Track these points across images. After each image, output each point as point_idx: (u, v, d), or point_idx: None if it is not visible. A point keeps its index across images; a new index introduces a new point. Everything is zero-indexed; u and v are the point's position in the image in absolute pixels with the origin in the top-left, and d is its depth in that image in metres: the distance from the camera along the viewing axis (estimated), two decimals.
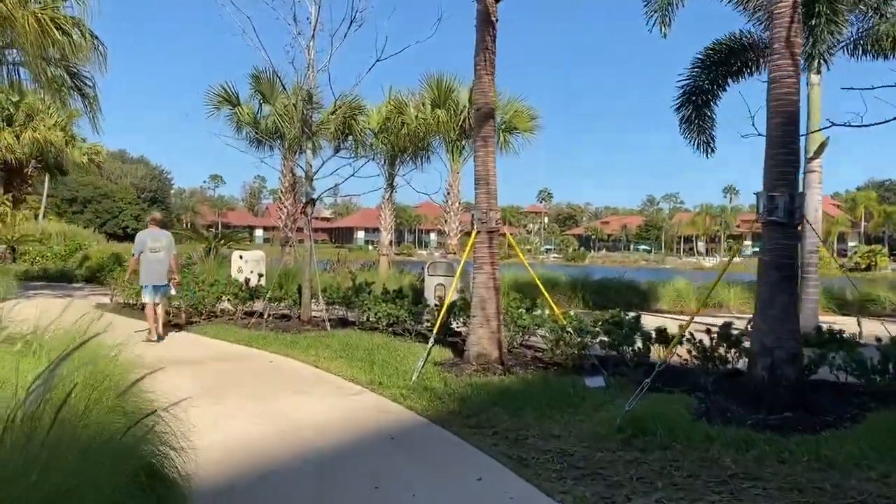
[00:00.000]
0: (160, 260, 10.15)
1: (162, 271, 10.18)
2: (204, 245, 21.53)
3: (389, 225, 21.37)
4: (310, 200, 11.11)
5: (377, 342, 9.57)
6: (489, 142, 8.04)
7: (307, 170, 11.14)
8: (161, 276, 10.16)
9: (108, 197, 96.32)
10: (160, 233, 10.51)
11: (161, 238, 10.33)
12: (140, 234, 10.52)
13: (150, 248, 10.14)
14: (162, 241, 10.26)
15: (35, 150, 28.26)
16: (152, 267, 10.11)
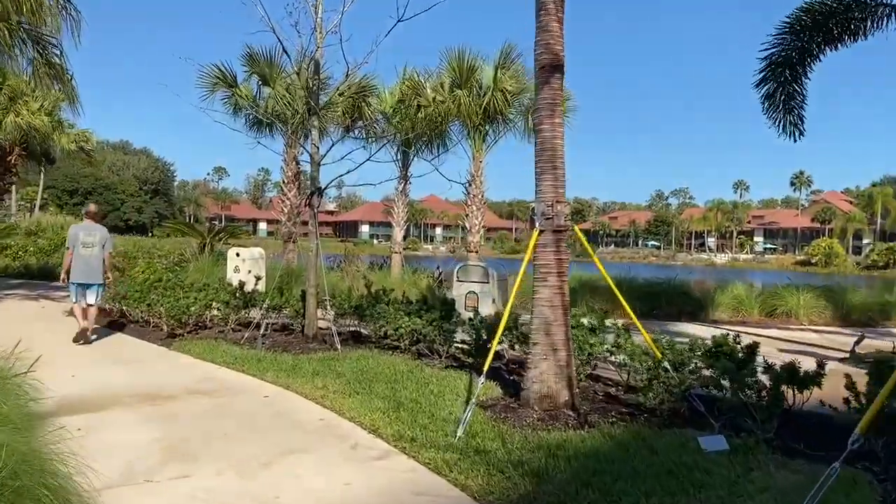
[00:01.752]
0: (94, 256, 9.44)
1: (93, 268, 9.46)
2: (198, 241, 19.59)
3: (402, 220, 19.36)
4: (316, 190, 9.13)
5: (400, 368, 7.59)
6: (556, 110, 6.04)
7: (313, 153, 9.15)
8: (93, 274, 9.45)
9: (110, 189, 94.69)
10: (94, 227, 9.69)
11: (95, 232, 9.55)
12: (73, 228, 9.79)
13: (83, 242, 9.39)
14: (96, 236, 9.51)
15: (19, 137, 26.32)
16: (84, 263, 9.36)
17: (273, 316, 10.24)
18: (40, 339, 9.77)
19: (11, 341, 9.76)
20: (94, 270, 9.46)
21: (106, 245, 9.64)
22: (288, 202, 18.98)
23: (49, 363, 8.23)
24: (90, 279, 9.43)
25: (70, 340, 9.52)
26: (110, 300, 11.54)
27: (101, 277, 9.58)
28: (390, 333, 8.70)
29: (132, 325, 10.83)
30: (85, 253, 9.42)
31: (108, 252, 9.74)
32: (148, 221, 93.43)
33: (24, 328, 10.63)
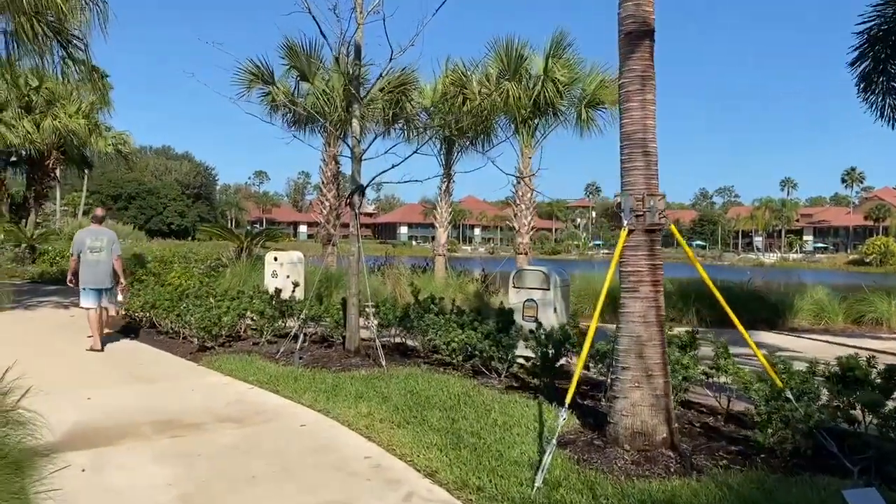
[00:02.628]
0: (101, 261, 9.24)
1: (102, 273, 9.26)
2: (236, 244, 18.90)
3: (445, 220, 18.38)
4: (357, 188, 8.21)
5: (455, 390, 6.61)
6: (648, 84, 4.97)
7: (354, 147, 8.23)
8: (103, 279, 9.25)
9: (153, 193, 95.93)
10: (101, 231, 9.51)
11: (102, 237, 9.36)
12: (79, 233, 9.64)
13: (90, 247, 9.20)
14: (103, 241, 9.31)
15: (57, 140, 26.06)
16: (92, 268, 9.18)
17: (311, 325, 9.38)
18: (63, 352, 9.09)
19: (34, 355, 9.08)
20: (104, 275, 9.29)
21: (114, 248, 9.40)
22: (327, 203, 18.17)
23: (67, 381, 7.50)
24: (101, 283, 9.25)
25: (94, 356, 8.82)
26: (139, 308, 10.84)
27: (112, 281, 9.41)
28: (441, 347, 7.73)
29: (162, 337, 10.08)
30: (93, 258, 9.22)
31: (118, 255, 9.50)
32: (190, 225, 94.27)
33: (50, 340, 9.98)
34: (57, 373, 7.76)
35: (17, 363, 8.56)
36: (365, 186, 8.25)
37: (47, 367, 8.10)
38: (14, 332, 10.61)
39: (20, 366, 8.42)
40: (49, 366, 8.16)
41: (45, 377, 7.52)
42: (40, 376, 7.59)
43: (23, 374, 7.85)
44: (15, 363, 8.16)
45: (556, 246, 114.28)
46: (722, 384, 5.80)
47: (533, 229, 16.30)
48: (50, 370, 7.91)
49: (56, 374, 7.71)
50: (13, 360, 8.76)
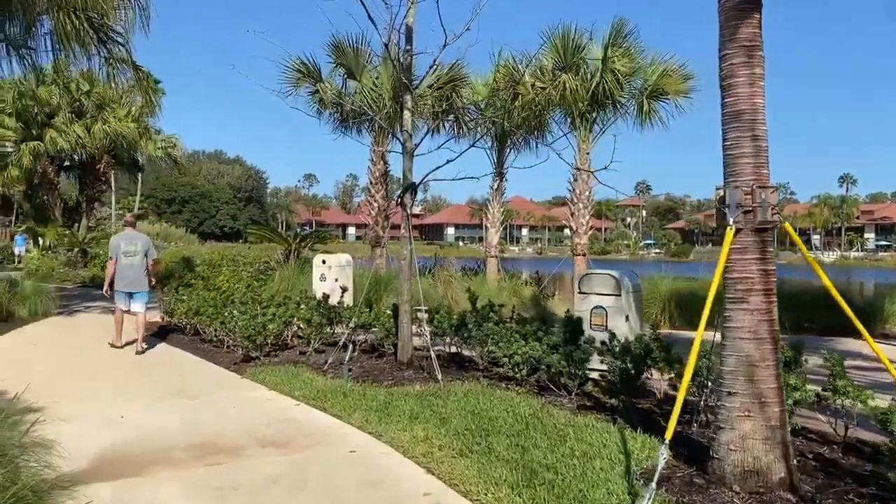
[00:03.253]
0: (135, 265, 9.35)
1: (136, 277, 9.39)
2: (284, 247, 18.53)
3: (497, 220, 17.64)
4: (409, 186, 7.57)
5: (521, 410, 5.89)
6: (756, 55, 4.18)
7: (405, 141, 7.59)
8: (136, 282, 9.39)
9: (206, 197, 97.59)
10: (136, 236, 9.65)
11: (136, 241, 9.48)
12: (114, 238, 9.94)
13: (125, 251, 9.32)
14: (137, 245, 9.42)
15: (107, 144, 26.23)
16: (126, 272, 9.30)
17: (361, 333, 8.78)
18: (103, 361, 8.70)
19: (72, 365, 8.72)
20: (138, 279, 9.39)
21: (148, 253, 9.51)
22: (375, 204, 17.64)
23: (103, 395, 7.05)
24: (134, 287, 9.35)
25: (134, 368, 8.39)
26: (183, 315, 10.43)
27: (146, 286, 9.50)
28: (502, 360, 7.03)
29: (206, 345, 9.63)
30: (127, 262, 9.33)
31: (152, 260, 9.63)
32: (242, 228, 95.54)
33: (91, 348, 9.62)
34: (94, 385, 7.34)
35: (55, 375, 8.21)
36: (417, 184, 7.61)
37: (85, 378, 7.71)
38: (56, 341, 10.32)
39: (58, 378, 8.08)
40: (87, 377, 7.76)
41: (81, 390, 7.11)
42: (77, 389, 7.19)
43: (58, 388, 7.48)
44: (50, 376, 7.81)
45: (605, 246, 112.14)
46: (836, 407, 4.96)
47: (591, 229, 15.45)
48: (88, 382, 7.50)
49: (93, 386, 7.29)
50: (52, 371, 8.42)
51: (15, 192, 29.16)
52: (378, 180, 17.53)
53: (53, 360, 8.73)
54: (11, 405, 6.44)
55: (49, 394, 6.85)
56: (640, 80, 14.85)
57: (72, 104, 25.65)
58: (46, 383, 7.36)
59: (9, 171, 25.33)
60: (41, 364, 8.45)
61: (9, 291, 12.07)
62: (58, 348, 9.62)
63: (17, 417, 5.92)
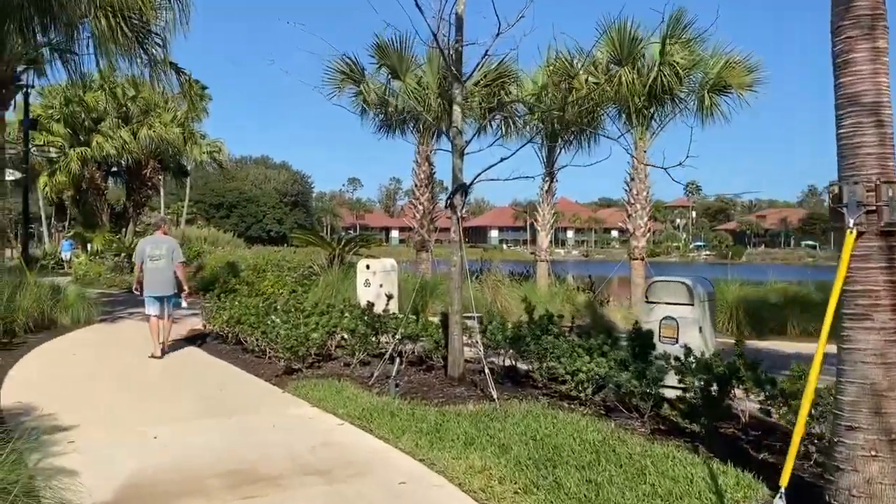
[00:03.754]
0: (161, 268, 9.34)
1: (164, 280, 9.37)
2: (327, 252, 18.19)
3: (548, 223, 16.95)
4: (460, 187, 7.02)
5: (589, 436, 5.27)
6: (878, 26, 3.51)
7: (454, 137, 7.04)
8: (164, 286, 9.36)
9: (252, 201, 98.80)
10: (161, 239, 9.59)
11: (161, 245, 9.44)
12: (140, 242, 9.99)
13: (150, 255, 9.32)
14: (162, 249, 9.38)
15: (153, 149, 26.42)
16: (153, 276, 9.32)
17: (408, 343, 8.26)
18: (140, 374, 8.35)
19: (108, 378, 8.40)
20: (165, 282, 9.37)
21: (175, 256, 9.46)
22: (420, 207, 17.14)
23: (137, 412, 6.65)
24: (161, 291, 9.33)
25: (172, 380, 8.04)
26: (224, 323, 10.07)
27: (173, 289, 9.46)
28: (563, 377, 6.41)
29: (247, 356, 9.23)
30: (153, 266, 9.32)
31: (180, 263, 9.57)
32: (288, 232, 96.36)
33: (129, 359, 9.31)
34: (129, 399, 6.97)
35: (90, 387, 7.89)
36: (469, 185, 7.05)
37: (121, 391, 7.36)
38: (95, 350, 10.07)
39: (92, 391, 7.76)
40: (123, 389, 7.41)
41: (115, 405, 6.75)
42: (111, 403, 6.83)
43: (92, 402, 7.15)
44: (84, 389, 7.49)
45: (654, 248, 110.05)
46: None
47: (649, 231, 14.67)
48: (123, 395, 7.15)
49: (128, 400, 6.93)
50: (87, 383, 8.12)
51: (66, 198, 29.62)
52: (423, 183, 17.04)
53: (89, 372, 8.44)
54: (42, 422, 6.11)
55: (81, 409, 6.51)
56: (701, 73, 14.03)
57: (118, 109, 25.92)
58: (80, 397, 7.05)
59: (57, 177, 25.72)
60: (77, 376, 8.17)
61: (51, 299, 11.91)
62: (96, 358, 9.35)
63: (45, 437, 5.57)
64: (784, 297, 11.83)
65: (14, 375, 8.02)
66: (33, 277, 12.10)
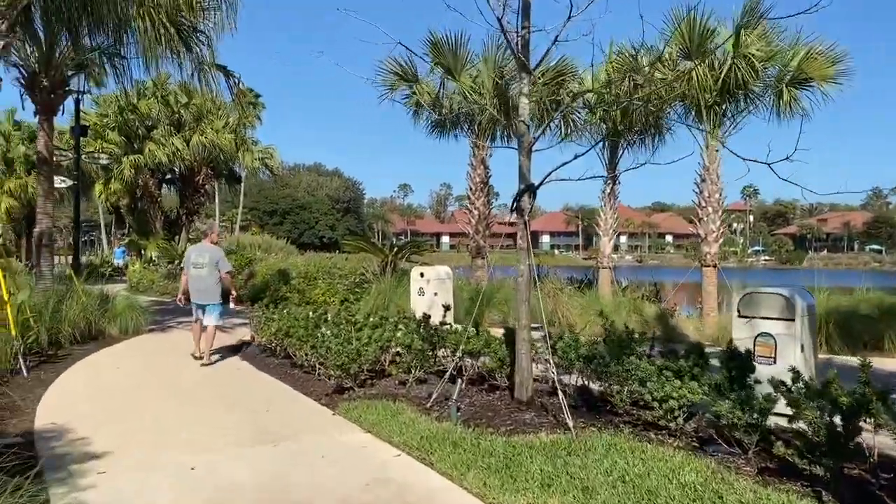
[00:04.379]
0: (202, 277, 9.40)
1: (205, 288, 9.41)
2: (379, 258, 17.66)
3: (610, 228, 16.05)
4: (526, 189, 6.30)
5: (688, 478, 4.48)
6: None
7: (521, 133, 6.32)
8: (205, 294, 9.41)
9: (305, 208, 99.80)
10: (206, 248, 9.67)
11: (205, 254, 9.50)
12: (187, 250, 10.27)
13: (193, 263, 9.45)
14: (205, 257, 9.43)
15: (206, 157, 26.41)
16: (194, 284, 9.44)
17: (467, 359, 7.57)
18: (183, 391, 7.85)
19: (149, 396, 7.91)
20: (207, 291, 9.39)
21: (220, 265, 9.44)
22: (476, 212, 16.45)
23: (176, 436, 6.12)
24: (203, 299, 9.38)
25: (217, 397, 7.51)
26: (273, 336, 9.56)
27: (216, 298, 9.44)
28: (650, 403, 5.62)
29: (296, 371, 8.68)
30: (195, 273, 9.40)
31: (225, 272, 9.53)
32: (340, 238, 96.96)
33: (173, 373, 8.86)
34: (169, 420, 6.45)
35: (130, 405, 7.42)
36: (537, 186, 6.32)
37: (162, 410, 6.85)
38: (140, 363, 9.66)
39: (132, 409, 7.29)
40: (164, 408, 6.91)
41: (154, 427, 6.23)
42: (149, 425, 6.31)
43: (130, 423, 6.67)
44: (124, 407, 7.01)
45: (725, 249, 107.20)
46: None
47: (722, 235, 13.65)
48: (163, 415, 6.64)
49: (168, 421, 6.41)
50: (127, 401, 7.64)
51: (122, 206, 29.94)
52: (478, 187, 16.35)
53: (131, 387, 8.00)
54: (74, 447, 5.63)
55: (117, 432, 6.02)
56: (778, 67, 12.97)
57: (170, 117, 26.02)
58: (118, 417, 6.58)
59: (111, 184, 25.93)
60: (117, 392, 7.73)
61: (99, 308, 11.63)
62: (139, 372, 8.93)
63: (75, 466, 5.07)
64: (878, 308, 10.71)
65: (53, 392, 7.63)
66: (81, 286, 11.85)
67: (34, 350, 9.40)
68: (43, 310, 10.18)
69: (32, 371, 8.65)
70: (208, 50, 12.31)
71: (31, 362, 9.11)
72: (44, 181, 11.99)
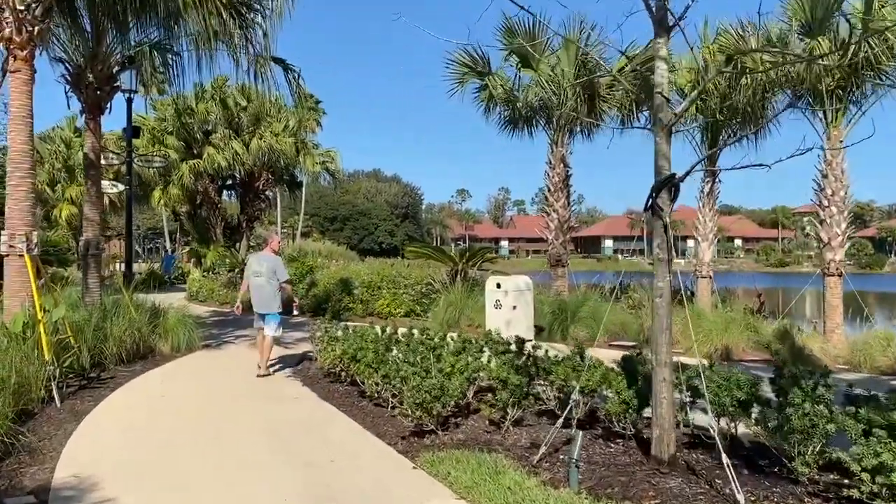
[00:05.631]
0: (261, 285, 9.20)
1: (264, 297, 9.19)
2: (448, 266, 16.34)
3: (710, 231, 14.29)
4: (667, 181, 4.81)
5: None
6: None
7: (657, 110, 4.86)
8: (264, 303, 9.19)
9: (364, 214, 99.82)
10: (265, 257, 9.48)
11: (264, 262, 9.31)
12: (249, 258, 10.15)
13: (254, 272, 9.28)
14: (264, 266, 9.24)
15: (265, 161, 25.59)
16: (253, 293, 9.28)
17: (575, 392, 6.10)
18: (232, 425, 6.62)
19: (191, 431, 6.68)
20: (265, 300, 9.17)
21: (278, 274, 9.23)
22: (555, 215, 14.92)
23: (213, 488, 4.93)
24: (262, 308, 9.17)
25: (269, 435, 6.23)
26: (337, 359, 8.29)
27: (274, 307, 9.16)
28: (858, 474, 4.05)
29: (365, 402, 7.38)
30: (255, 282, 9.23)
31: (283, 281, 9.31)
32: (399, 244, 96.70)
33: (222, 402, 7.63)
34: (209, 473, 5.18)
35: (169, 444, 6.25)
36: (682, 178, 4.82)
37: (203, 458, 5.59)
38: (188, 388, 8.51)
39: (170, 449, 6.10)
40: (206, 456, 5.65)
41: (190, 486, 4.96)
42: (185, 483, 5.04)
43: (165, 467, 5.48)
44: (162, 447, 5.85)
45: (782, 258, 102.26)
46: None
47: (849, 239, 11.78)
48: (203, 466, 5.37)
49: (207, 476, 5.13)
50: (167, 438, 6.47)
51: (182, 213, 29.50)
52: (557, 187, 14.83)
53: (173, 423, 6.81)
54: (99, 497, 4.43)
55: (148, 488, 4.80)
56: None
57: (229, 120, 25.33)
58: (152, 466, 5.35)
59: (170, 190, 25.36)
60: (156, 429, 6.55)
61: (150, 323, 10.60)
62: (185, 402, 7.75)
63: None
64: None
65: (84, 430, 6.50)
66: (131, 298, 10.86)
67: (72, 374, 8.35)
68: (85, 326, 9.17)
69: (68, 399, 7.60)
70: (265, 41, 11.24)
71: (70, 387, 8.09)
72: (91, 186, 11.08)
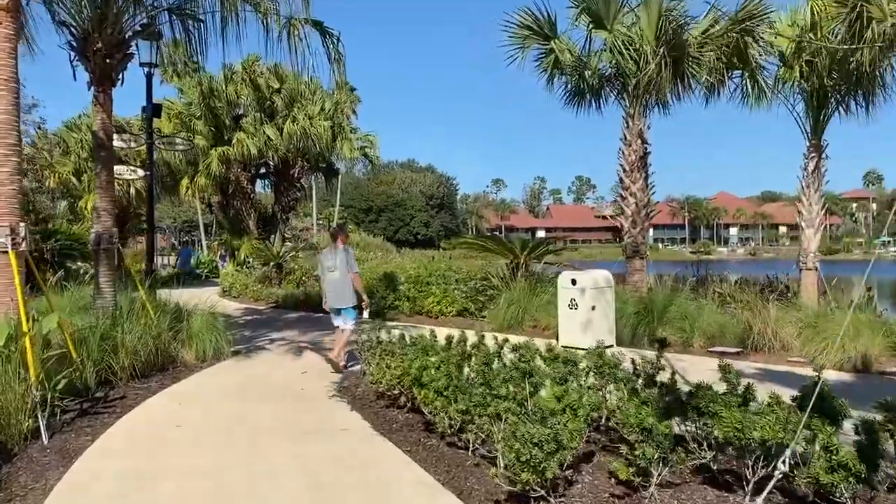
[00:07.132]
0: (336, 280, 8.87)
1: (340, 292, 8.86)
2: (507, 259, 14.58)
3: (816, 216, 12.25)
4: None
5: None
6: None
7: None
8: (340, 298, 8.87)
9: (400, 205, 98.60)
10: (336, 249, 8.97)
11: (335, 256, 8.90)
12: (320, 254, 9.74)
13: (327, 266, 8.99)
14: (336, 260, 8.87)
15: (300, 147, 23.92)
16: (328, 288, 9.00)
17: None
18: (256, 484, 4.91)
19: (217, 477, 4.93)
20: (341, 294, 8.89)
21: (350, 265, 8.87)
22: (632, 200, 13.02)
23: None
24: (339, 303, 8.92)
25: (307, 492, 4.55)
26: (396, 380, 6.57)
27: (351, 301, 8.88)
28: None
29: (433, 440, 5.66)
30: (330, 277, 9.00)
31: (355, 273, 8.93)
32: (435, 235, 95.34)
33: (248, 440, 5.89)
34: None
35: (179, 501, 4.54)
36: None
37: None
38: (211, 414, 6.84)
39: None
40: None
41: None
42: None
43: None
44: None
45: (832, 245, 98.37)
46: None
47: None
48: None
49: None
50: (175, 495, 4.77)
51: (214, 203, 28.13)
52: (635, 166, 12.89)
53: (190, 461, 5.17)
54: None
55: None
56: None
57: (261, 103, 23.72)
58: None
59: (198, 179, 23.89)
60: (168, 470, 4.92)
61: (170, 328, 9.05)
62: (206, 432, 6.11)
63: None
64: None
65: (70, 481, 4.88)
66: (148, 298, 9.34)
67: (69, 397, 6.76)
68: (90, 336, 7.62)
69: (61, 431, 6.05)
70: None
71: (69, 411, 6.56)
72: (101, 170, 9.51)
